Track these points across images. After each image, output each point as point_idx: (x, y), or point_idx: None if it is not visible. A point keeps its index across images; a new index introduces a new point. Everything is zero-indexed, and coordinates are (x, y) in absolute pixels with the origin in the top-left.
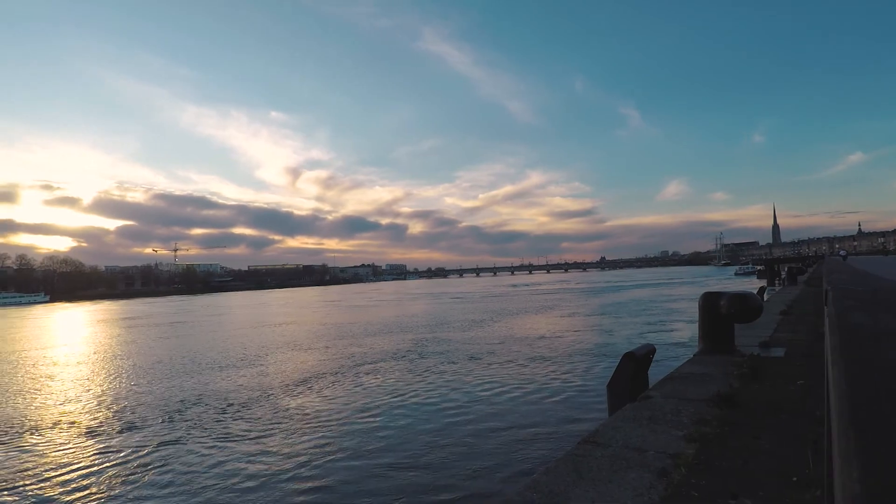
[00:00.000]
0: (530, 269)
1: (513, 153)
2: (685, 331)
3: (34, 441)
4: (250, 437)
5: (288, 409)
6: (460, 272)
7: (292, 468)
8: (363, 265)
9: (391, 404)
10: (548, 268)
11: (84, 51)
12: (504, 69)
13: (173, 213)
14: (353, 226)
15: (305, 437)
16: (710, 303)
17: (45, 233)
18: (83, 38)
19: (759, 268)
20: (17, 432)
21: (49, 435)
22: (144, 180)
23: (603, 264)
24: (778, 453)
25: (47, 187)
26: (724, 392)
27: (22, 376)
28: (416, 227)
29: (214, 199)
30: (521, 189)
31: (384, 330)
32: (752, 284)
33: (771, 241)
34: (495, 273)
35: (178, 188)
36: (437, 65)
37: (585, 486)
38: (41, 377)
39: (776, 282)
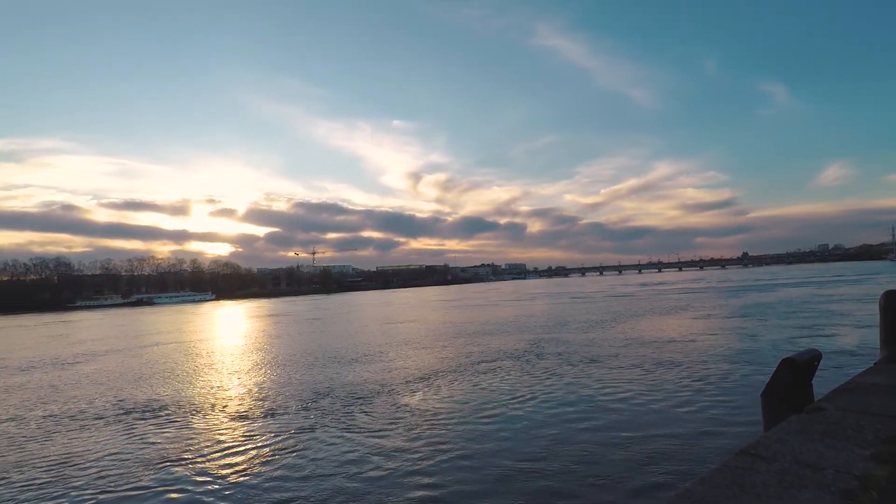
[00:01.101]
0: (659, 266)
1: (636, 144)
2: (851, 336)
3: (194, 421)
4: (372, 430)
5: (408, 405)
6: (582, 271)
7: (410, 463)
8: (483, 265)
9: (508, 405)
10: (679, 265)
11: (235, 80)
12: (624, 56)
13: (311, 219)
14: (472, 226)
15: (423, 434)
16: (895, 303)
17: (210, 240)
18: (234, 69)
19: None
20: (182, 412)
21: (206, 416)
22: (286, 191)
23: (745, 260)
24: None
25: (211, 201)
26: None
27: (188, 364)
28: (534, 226)
29: (345, 205)
30: (647, 182)
31: (501, 329)
32: None
33: None
34: (620, 271)
35: (314, 197)
36: (551, 59)
37: (750, 501)
38: (203, 365)
39: None
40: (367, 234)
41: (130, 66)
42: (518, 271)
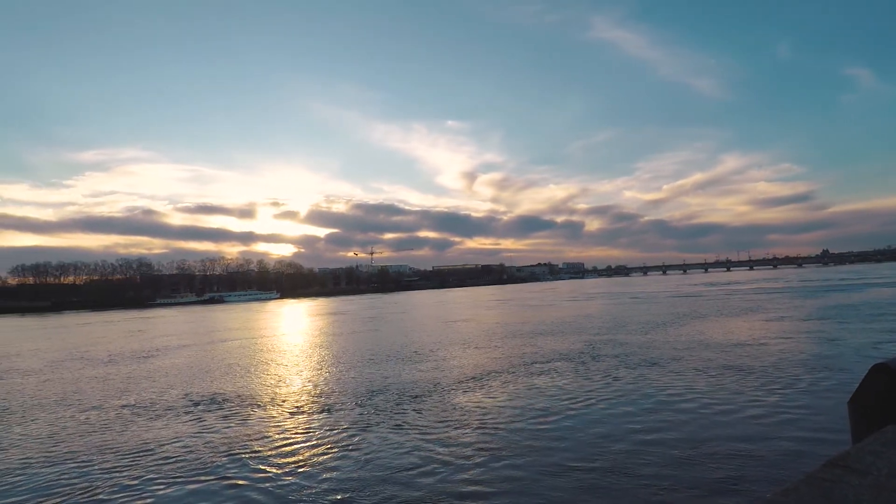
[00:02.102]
0: (728, 265)
1: (701, 137)
2: None
3: (255, 414)
4: (423, 428)
5: (459, 405)
6: (644, 270)
7: (459, 463)
8: (539, 264)
9: (562, 408)
10: (750, 264)
11: (297, 88)
12: (686, 45)
13: (368, 220)
14: (528, 225)
15: (474, 434)
16: None
17: (275, 241)
18: (297, 77)
19: None
20: (245, 406)
21: (267, 410)
22: (345, 193)
23: (825, 258)
24: None
25: (275, 204)
26: None
27: (252, 359)
28: (592, 224)
29: (402, 205)
30: (714, 176)
31: (556, 330)
32: None
33: None
34: (685, 271)
35: (371, 198)
36: (609, 53)
37: None
38: (266, 361)
39: None
40: (423, 234)
41: (201, 78)
42: (576, 270)
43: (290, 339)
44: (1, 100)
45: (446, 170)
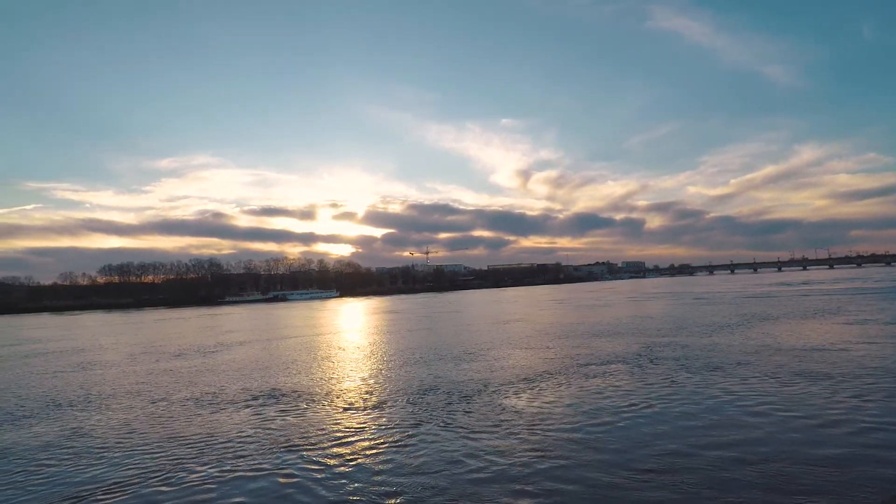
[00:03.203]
0: (804, 264)
1: (773, 127)
2: None
3: (311, 409)
4: (473, 429)
5: (510, 407)
6: (710, 269)
7: (507, 466)
8: (597, 263)
9: (617, 411)
10: (830, 262)
11: (354, 91)
12: (755, 30)
13: (423, 220)
14: (585, 223)
15: (523, 437)
16: None
17: (334, 242)
18: (353, 80)
19: None
20: (302, 401)
21: (322, 405)
22: (400, 193)
23: None
24: None
25: (334, 205)
26: None
27: (311, 355)
28: (654, 221)
29: (456, 205)
30: (788, 169)
31: (613, 331)
32: None
33: None
34: (755, 270)
35: (426, 198)
36: (670, 42)
37: None
38: (323, 357)
39: None
40: (477, 233)
41: (264, 86)
42: (636, 269)
43: (347, 337)
44: (91, 115)
45: (500, 168)
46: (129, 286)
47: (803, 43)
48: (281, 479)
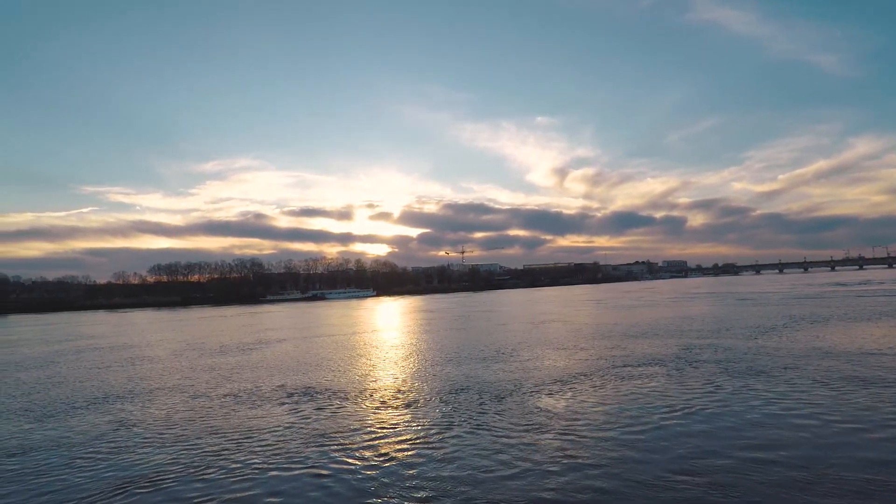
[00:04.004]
0: (860, 263)
1: (825, 119)
2: None
3: (345, 406)
4: (504, 430)
5: (541, 408)
6: (756, 268)
7: (542, 468)
8: (637, 262)
9: (655, 416)
10: (890, 261)
11: (389, 93)
12: (804, 17)
13: (459, 219)
14: (624, 221)
15: (554, 438)
16: None
17: (370, 242)
18: (388, 82)
19: None
20: (336, 398)
21: (356, 403)
22: (436, 193)
23: None
24: None
25: (370, 206)
26: None
27: (346, 353)
28: (696, 219)
29: (491, 204)
30: (841, 163)
31: (652, 332)
32: None
33: None
34: (806, 269)
35: (461, 198)
36: (712, 33)
37: None
38: (358, 355)
39: None
40: (513, 232)
41: (302, 90)
42: (677, 269)
43: (383, 336)
44: (140, 122)
45: (536, 167)
46: (177, 285)
47: (857, 29)
48: (315, 474)
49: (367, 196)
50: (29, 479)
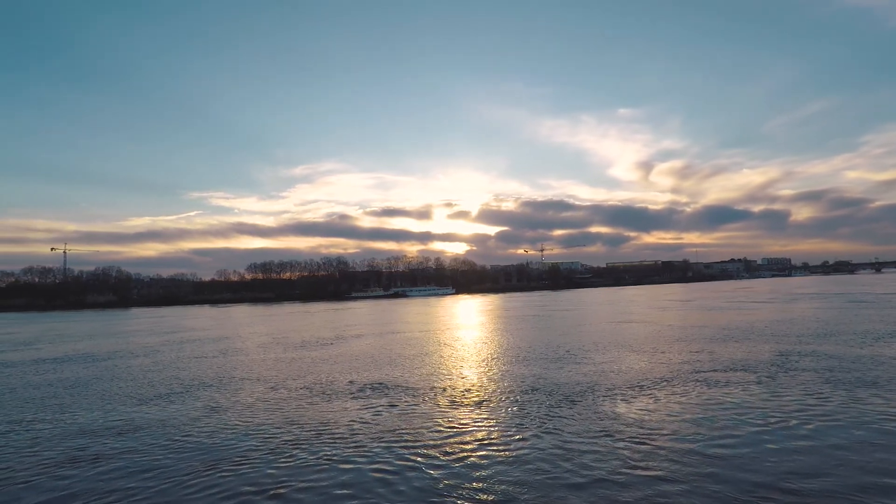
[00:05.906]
0: None
1: None
2: None
3: (416, 403)
4: (573, 434)
5: (615, 413)
6: (876, 266)
7: (613, 478)
8: (732, 260)
9: (744, 429)
10: None
11: (466, 91)
12: None
13: (537, 217)
14: (717, 216)
15: (632, 448)
16: None
17: (449, 240)
18: (465, 80)
19: None
20: (408, 394)
21: (427, 399)
22: (513, 191)
23: None
24: None
25: (448, 205)
26: None
27: (421, 350)
28: (800, 213)
29: (571, 201)
30: None
31: (743, 336)
32: None
33: None
34: None
35: (540, 195)
36: (821, 7)
37: None
38: (432, 352)
39: None
40: (594, 229)
41: (382, 94)
42: (780, 267)
43: (460, 333)
44: (237, 130)
45: (618, 161)
46: (271, 282)
47: None
48: (382, 469)
49: (446, 195)
50: (134, 457)
